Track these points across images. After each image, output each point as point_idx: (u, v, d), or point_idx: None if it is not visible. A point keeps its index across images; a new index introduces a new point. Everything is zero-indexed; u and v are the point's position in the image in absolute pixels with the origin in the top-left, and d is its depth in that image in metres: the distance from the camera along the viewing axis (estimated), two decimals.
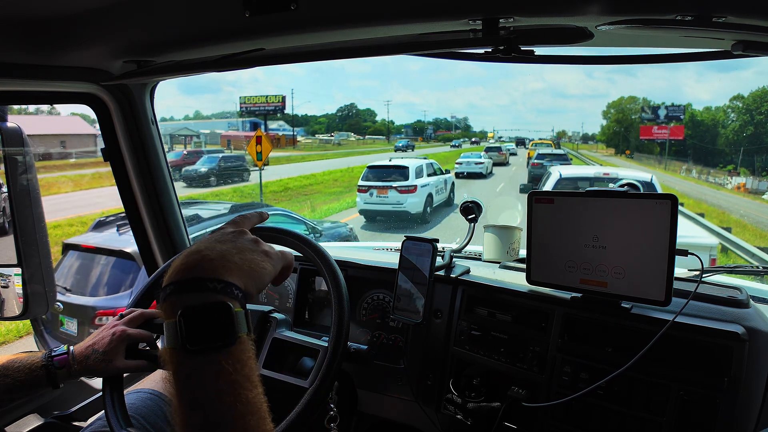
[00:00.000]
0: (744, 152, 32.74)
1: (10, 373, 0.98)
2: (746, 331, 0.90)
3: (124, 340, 1.05)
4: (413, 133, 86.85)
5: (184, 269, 0.57)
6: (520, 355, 1.10)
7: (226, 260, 0.60)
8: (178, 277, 0.56)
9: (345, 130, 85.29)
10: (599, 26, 0.81)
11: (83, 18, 0.88)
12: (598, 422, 0.99)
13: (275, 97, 41.15)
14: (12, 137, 1.16)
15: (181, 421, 0.52)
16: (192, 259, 0.58)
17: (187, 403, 0.52)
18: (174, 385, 0.53)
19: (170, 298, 0.55)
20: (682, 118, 43.19)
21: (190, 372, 0.53)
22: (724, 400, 0.88)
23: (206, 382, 0.53)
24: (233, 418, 0.52)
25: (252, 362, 0.56)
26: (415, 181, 10.96)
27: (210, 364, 0.53)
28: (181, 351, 0.53)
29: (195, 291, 0.56)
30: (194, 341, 0.53)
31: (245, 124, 49.28)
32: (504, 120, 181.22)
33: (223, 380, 0.53)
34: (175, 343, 0.53)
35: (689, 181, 26.62)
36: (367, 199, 10.99)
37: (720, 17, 0.72)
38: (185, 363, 0.53)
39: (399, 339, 1.30)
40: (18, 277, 1.19)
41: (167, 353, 0.54)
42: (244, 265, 0.62)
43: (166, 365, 0.55)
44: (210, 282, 0.56)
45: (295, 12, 0.77)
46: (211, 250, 0.60)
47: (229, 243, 0.65)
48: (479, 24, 0.82)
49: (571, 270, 1.04)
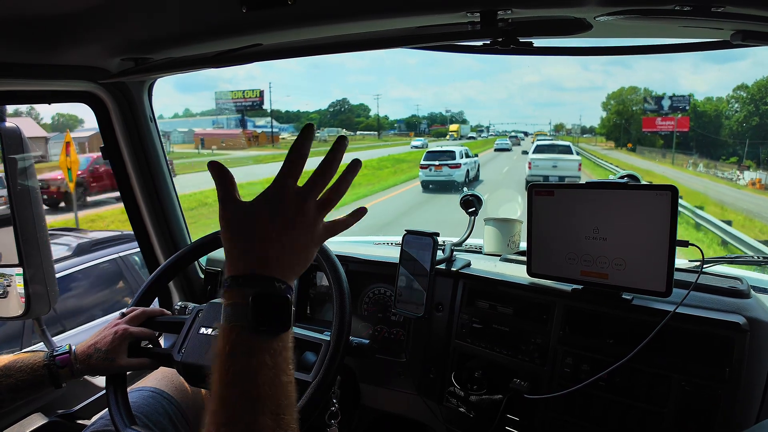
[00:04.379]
0: (749, 144, 31.86)
1: (12, 372, 0.99)
2: (747, 321, 0.90)
3: (126, 338, 1.05)
4: (406, 128, 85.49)
5: (259, 266, 0.64)
6: (522, 347, 1.11)
7: (293, 272, 0.67)
8: (251, 271, 0.63)
9: (336, 125, 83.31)
10: (598, 17, 0.81)
11: (80, 16, 0.87)
12: (600, 413, 0.99)
13: (252, 92, 39.88)
14: (11, 138, 1.16)
15: (221, 390, 0.59)
16: (269, 258, 0.64)
17: (234, 375, 0.59)
18: (225, 355, 0.60)
19: (242, 286, 0.63)
20: (687, 108, 41.64)
21: (248, 347, 0.61)
22: (726, 390, 0.88)
23: (258, 360, 0.60)
24: (268, 396, 0.59)
25: (290, 352, 0.64)
26: (459, 160, 16.12)
27: (266, 343, 0.61)
28: (247, 328, 0.61)
29: (263, 285, 0.63)
30: (261, 323, 0.61)
31: (230, 122, 45.57)
32: (501, 114, 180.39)
33: (270, 360, 0.61)
34: (243, 320, 0.61)
35: (701, 177, 23.98)
36: (427, 173, 16.09)
37: (719, 7, 0.71)
38: (246, 338, 0.61)
39: (401, 333, 1.31)
40: (19, 277, 1.19)
41: (228, 329, 0.61)
42: (301, 269, 0.68)
43: (219, 341, 0.62)
44: (277, 281, 0.64)
45: (292, 7, 0.77)
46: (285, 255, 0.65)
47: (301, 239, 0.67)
48: (477, 16, 0.82)
49: (572, 262, 1.04)
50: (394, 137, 73.34)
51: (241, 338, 0.61)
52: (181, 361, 1.05)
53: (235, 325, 0.62)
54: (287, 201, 0.65)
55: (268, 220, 0.64)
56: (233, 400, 0.59)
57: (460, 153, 16.58)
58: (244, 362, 0.60)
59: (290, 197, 0.65)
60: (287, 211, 0.65)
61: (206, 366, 1.03)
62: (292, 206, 0.65)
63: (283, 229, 0.65)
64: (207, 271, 1.64)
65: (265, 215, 0.64)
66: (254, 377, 0.59)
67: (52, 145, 18.91)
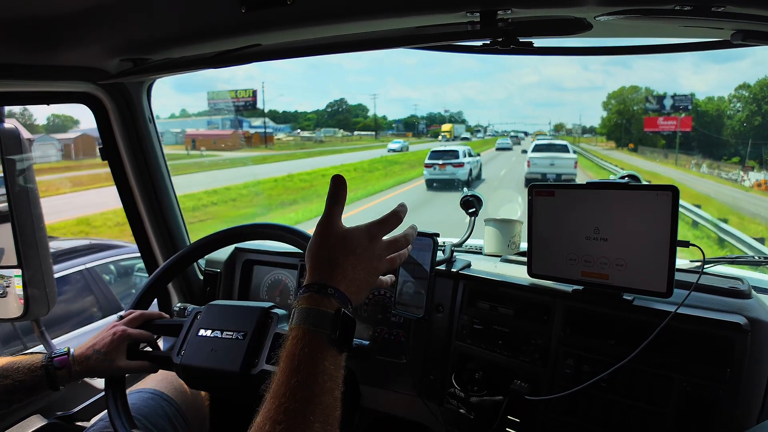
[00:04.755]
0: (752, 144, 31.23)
1: (10, 374, 0.98)
2: (748, 321, 0.90)
3: (125, 340, 1.05)
4: (405, 128, 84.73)
5: (342, 285, 0.73)
6: (522, 348, 1.10)
7: (361, 292, 0.77)
8: (335, 285, 0.72)
9: (333, 126, 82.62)
10: (598, 17, 0.81)
11: (79, 17, 0.87)
12: (601, 414, 0.99)
13: (245, 92, 39.51)
14: (10, 138, 1.16)
15: (284, 390, 0.62)
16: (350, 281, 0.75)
17: (302, 378, 0.63)
18: (296, 357, 0.65)
19: (329, 296, 0.71)
20: (689, 108, 41.14)
21: (321, 355, 0.66)
22: (727, 390, 0.88)
23: (326, 368, 0.66)
24: (325, 406, 0.64)
25: (343, 372, 0.70)
26: (462, 159, 16.93)
27: (335, 356, 0.68)
28: (326, 336, 0.68)
29: (343, 301, 0.72)
30: (341, 336, 0.69)
31: (225, 122, 44.80)
32: (501, 114, 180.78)
33: (335, 372, 0.67)
34: (327, 329, 0.68)
35: (706, 179, 22.91)
36: (432, 172, 16.82)
37: (719, 6, 0.71)
38: (322, 345, 0.67)
39: (401, 334, 1.31)
40: (18, 278, 1.19)
41: (305, 333, 0.67)
42: (363, 295, 0.79)
43: (292, 341, 0.67)
44: (350, 304, 0.74)
45: (291, 7, 0.77)
46: (363, 281, 0.77)
47: (372, 275, 0.79)
48: (477, 16, 0.82)
49: (573, 262, 1.04)
50: (391, 137, 73.09)
51: (321, 344, 0.67)
52: (180, 363, 1.05)
53: (319, 331, 0.68)
54: (376, 242, 0.79)
55: (362, 251, 0.76)
56: (297, 402, 0.62)
57: (463, 152, 17.54)
58: (312, 367, 0.65)
59: (378, 240, 0.79)
60: (374, 249, 0.78)
61: (206, 368, 1.03)
62: (377, 249, 0.79)
63: (367, 262, 0.77)
64: (206, 272, 1.64)
65: (361, 245, 0.76)
66: (321, 384, 0.64)
67: (37, 147, 18.73)
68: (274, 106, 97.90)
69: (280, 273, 1.51)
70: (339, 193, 0.77)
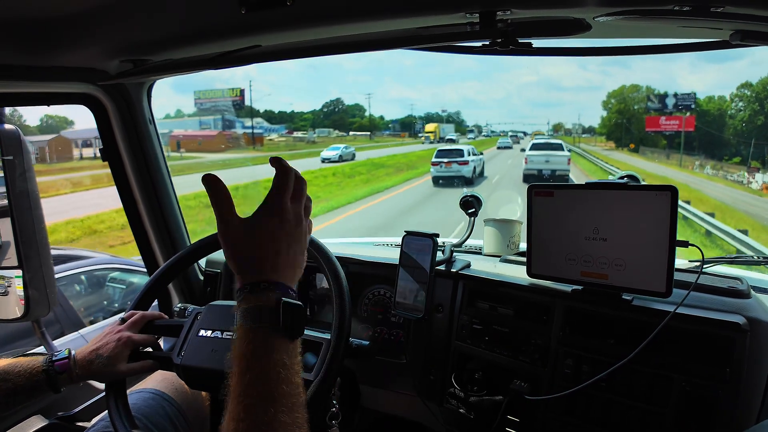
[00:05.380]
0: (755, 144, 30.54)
1: (10, 377, 0.98)
2: (747, 321, 0.90)
3: (129, 346, 1.05)
4: (401, 128, 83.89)
5: (273, 274, 0.71)
6: (522, 348, 1.10)
7: (296, 278, 0.75)
8: (266, 278, 0.71)
9: (329, 126, 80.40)
10: (597, 17, 0.81)
11: (79, 18, 0.87)
12: (601, 414, 0.99)
13: (232, 91, 38.72)
14: (10, 140, 1.16)
15: (242, 389, 0.63)
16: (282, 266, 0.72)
17: (256, 374, 0.64)
18: (247, 356, 0.65)
19: (264, 291, 0.69)
20: (692, 107, 40.01)
21: (270, 348, 0.66)
22: (726, 390, 0.88)
23: (277, 360, 0.65)
24: (285, 395, 0.64)
25: (299, 357, 0.69)
26: (466, 158, 17.90)
27: (285, 346, 0.67)
28: (271, 330, 0.67)
29: (282, 291, 0.70)
30: (286, 325, 0.67)
31: (217, 122, 42.78)
32: (500, 114, 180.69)
33: (288, 360, 0.66)
34: (268, 322, 0.67)
35: (716, 182, 21.47)
36: (438, 170, 17.72)
37: (718, 6, 0.72)
38: (269, 340, 0.66)
39: (401, 334, 1.31)
40: (19, 279, 1.19)
41: (250, 331, 0.66)
42: (300, 275, 0.76)
43: (240, 342, 0.66)
44: (290, 289, 0.72)
45: (291, 8, 0.77)
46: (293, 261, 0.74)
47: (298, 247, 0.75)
48: (476, 17, 0.82)
49: (572, 263, 1.04)
50: (387, 138, 72.34)
51: (266, 339, 0.66)
52: (180, 364, 1.05)
53: (260, 326, 0.67)
54: (286, 214, 0.73)
55: (273, 233, 0.72)
56: (254, 398, 0.62)
57: (467, 151, 18.68)
58: (265, 361, 0.65)
59: (287, 211, 0.73)
60: (287, 223, 0.73)
61: (206, 368, 1.03)
62: (291, 219, 0.73)
63: (286, 239, 0.72)
64: (206, 272, 1.64)
65: (270, 228, 0.72)
66: (274, 377, 0.64)
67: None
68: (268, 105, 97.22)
69: None
70: (218, 194, 0.72)
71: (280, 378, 0.64)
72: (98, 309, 3.58)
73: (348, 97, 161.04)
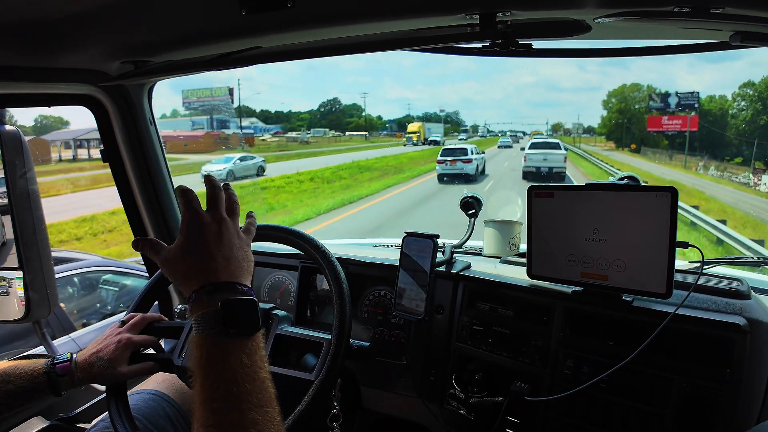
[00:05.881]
0: (758, 144, 29.96)
1: (12, 379, 0.98)
2: (747, 322, 0.90)
3: (129, 348, 1.05)
4: (398, 128, 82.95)
5: (215, 276, 0.72)
6: (522, 349, 1.10)
7: (241, 267, 0.75)
8: (208, 282, 0.71)
9: (325, 126, 79.46)
10: (597, 19, 0.81)
11: (80, 19, 0.87)
12: (601, 415, 0.99)
13: (220, 90, 38.25)
14: (11, 140, 1.16)
15: (205, 395, 0.63)
16: (222, 267, 0.73)
17: (214, 379, 0.64)
18: (202, 364, 0.65)
19: (209, 295, 0.70)
20: (696, 106, 39.16)
21: (224, 351, 0.66)
22: (727, 391, 0.88)
23: (234, 360, 0.65)
24: (250, 392, 0.63)
25: (263, 350, 0.69)
26: (470, 156, 18.87)
27: (240, 345, 0.67)
28: (219, 334, 0.66)
29: (228, 290, 0.71)
30: (233, 326, 0.67)
31: (211, 123, 41.89)
32: (498, 114, 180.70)
33: (247, 359, 0.66)
34: (214, 327, 0.66)
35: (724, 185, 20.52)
36: (444, 167, 18.69)
37: (718, 8, 0.72)
38: (220, 344, 0.66)
39: (401, 335, 1.31)
40: (19, 280, 1.19)
41: (201, 339, 0.67)
42: (249, 268, 0.77)
43: (195, 351, 0.66)
44: (238, 285, 0.72)
45: (291, 10, 0.77)
46: (231, 259, 0.75)
47: (240, 251, 0.77)
48: (476, 18, 0.82)
49: (572, 264, 1.04)
50: (384, 138, 71.84)
51: (215, 345, 0.66)
52: (181, 365, 1.05)
53: (207, 333, 0.67)
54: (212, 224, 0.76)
55: (212, 233, 0.75)
56: (218, 401, 0.62)
57: (471, 150, 19.75)
58: (221, 366, 0.65)
59: (202, 216, 0.76)
60: (213, 231, 0.75)
61: None
62: (211, 223, 0.76)
63: (216, 243, 0.74)
64: None
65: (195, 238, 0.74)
66: (234, 377, 0.64)
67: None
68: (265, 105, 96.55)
69: (280, 274, 1.51)
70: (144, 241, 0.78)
71: (240, 378, 0.64)
72: (91, 312, 3.55)
73: (346, 97, 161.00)
